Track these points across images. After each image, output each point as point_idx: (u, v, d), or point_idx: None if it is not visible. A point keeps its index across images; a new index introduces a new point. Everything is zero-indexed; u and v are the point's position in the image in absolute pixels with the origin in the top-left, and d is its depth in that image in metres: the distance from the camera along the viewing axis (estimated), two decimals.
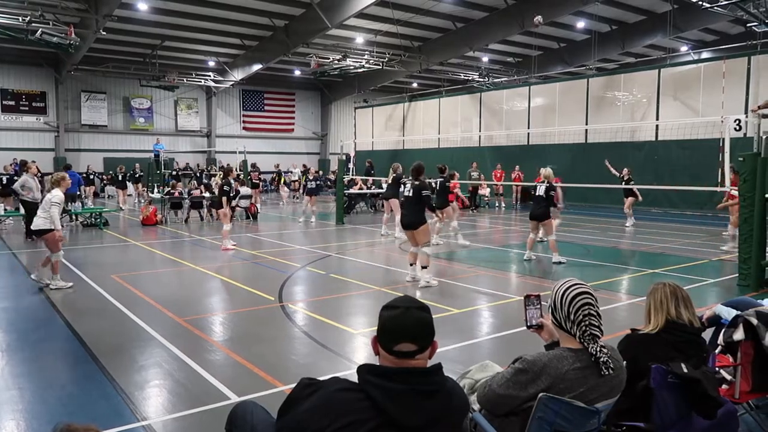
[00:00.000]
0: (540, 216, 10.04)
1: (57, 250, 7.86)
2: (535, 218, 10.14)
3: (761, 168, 7.81)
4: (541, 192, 10.09)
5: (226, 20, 23.46)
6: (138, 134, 31.92)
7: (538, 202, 10.17)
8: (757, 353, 3.12)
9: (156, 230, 14.97)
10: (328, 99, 37.64)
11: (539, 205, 10.10)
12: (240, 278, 8.70)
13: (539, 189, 10.17)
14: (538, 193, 10.18)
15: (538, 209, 10.10)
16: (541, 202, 10.05)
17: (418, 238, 8.13)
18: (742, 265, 7.97)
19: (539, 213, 10.06)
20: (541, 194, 10.09)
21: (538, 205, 10.14)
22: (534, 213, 10.18)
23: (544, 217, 10.00)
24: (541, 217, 10.03)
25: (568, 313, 2.42)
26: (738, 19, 19.09)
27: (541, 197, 10.08)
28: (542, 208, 10.02)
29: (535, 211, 10.18)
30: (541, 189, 10.13)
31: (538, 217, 10.08)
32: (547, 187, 10.05)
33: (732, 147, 9.12)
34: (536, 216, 10.10)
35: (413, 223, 8.16)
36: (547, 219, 10.03)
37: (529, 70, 28.13)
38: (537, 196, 10.19)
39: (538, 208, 10.12)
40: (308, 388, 1.96)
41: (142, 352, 5.27)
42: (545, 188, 10.06)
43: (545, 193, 10.03)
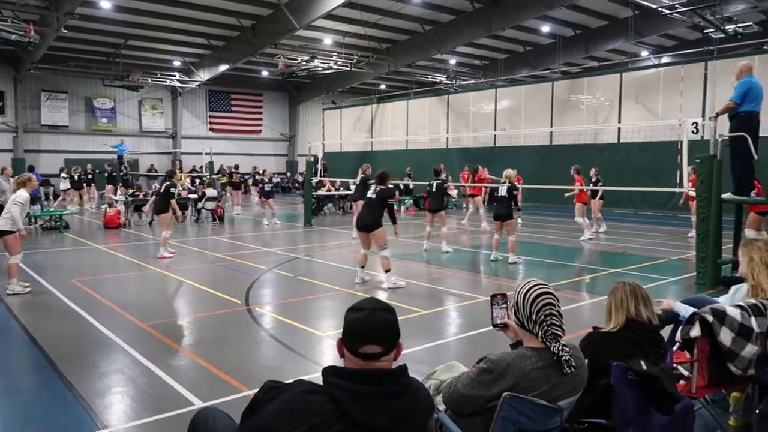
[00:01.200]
0: (504, 216, 10.12)
1: (15, 251, 7.61)
2: (499, 218, 10.21)
3: (717, 169, 8.07)
4: (504, 192, 10.16)
5: (192, 20, 23.10)
6: (101, 135, 31.15)
7: (501, 203, 10.24)
8: (712, 349, 3.21)
9: (119, 233, 14.64)
10: (296, 100, 37.41)
11: (503, 205, 10.17)
12: (206, 281, 8.57)
13: (501, 189, 10.25)
14: (500, 193, 10.25)
15: (502, 209, 10.17)
16: (505, 202, 10.12)
17: (374, 240, 8.06)
18: (700, 264, 8.21)
19: (503, 213, 10.14)
20: (504, 194, 10.16)
21: (501, 206, 10.22)
22: (498, 213, 10.25)
23: (508, 217, 10.11)
24: (505, 217, 10.11)
25: (530, 313, 2.45)
26: (695, 25, 19.69)
27: (504, 197, 10.15)
28: (506, 208, 10.10)
29: (499, 211, 10.25)
30: (503, 189, 10.19)
31: (502, 217, 10.15)
32: (510, 187, 10.13)
33: (690, 149, 9.39)
34: (500, 216, 10.18)
35: (369, 226, 8.05)
36: (510, 219, 10.14)
37: (495, 72, 28.48)
38: (500, 197, 10.26)
39: (501, 208, 10.20)
40: (272, 391, 1.94)
41: (104, 358, 5.15)
42: (507, 188, 10.13)
43: (508, 193, 10.11)
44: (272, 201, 16.86)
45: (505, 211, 10.12)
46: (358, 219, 8.46)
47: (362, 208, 8.64)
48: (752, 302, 3.34)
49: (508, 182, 10.21)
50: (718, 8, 16.74)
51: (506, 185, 10.17)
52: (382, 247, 8.03)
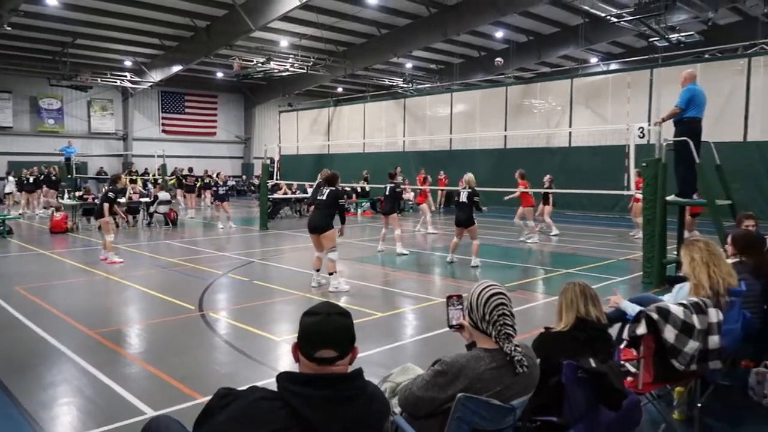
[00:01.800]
0: (465, 221, 9.96)
1: None
2: (459, 224, 10.05)
3: (662, 173, 8.38)
4: (464, 198, 9.93)
5: (144, 19, 22.51)
6: (47, 136, 29.99)
7: (461, 209, 10.03)
8: (657, 346, 3.34)
9: (66, 238, 14.13)
10: (252, 102, 36.94)
11: (463, 211, 9.99)
12: (157, 287, 8.36)
13: (462, 195, 10.01)
14: (461, 199, 10.01)
15: (462, 215, 10.00)
16: (465, 208, 9.93)
17: (324, 242, 8.03)
18: (646, 263, 8.51)
19: (464, 219, 9.96)
20: (464, 200, 9.93)
21: (461, 211, 10.02)
22: (459, 219, 10.06)
23: (470, 223, 9.94)
24: (466, 223, 9.96)
25: (483, 314, 2.49)
26: (642, 34, 20.44)
27: (464, 203, 9.94)
28: (466, 213, 9.92)
29: (460, 217, 10.07)
30: (463, 195, 9.96)
31: (462, 222, 9.99)
32: (470, 192, 9.91)
33: (637, 153, 9.73)
34: (461, 222, 10.01)
35: (319, 228, 8.03)
36: (473, 225, 9.97)
37: (451, 77, 28.82)
38: (460, 203, 10.04)
39: (462, 214, 10.01)
40: (225, 398, 1.91)
41: (49, 368, 4.95)
42: (468, 194, 9.91)
43: (468, 199, 9.88)
44: (227, 204, 16.59)
45: (465, 217, 9.93)
46: (309, 221, 8.40)
47: (313, 210, 8.64)
48: (694, 300, 3.49)
49: (468, 187, 9.98)
50: (663, 18, 17.43)
51: (467, 191, 9.94)
52: (330, 250, 8.00)
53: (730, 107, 16.73)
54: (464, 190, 10.01)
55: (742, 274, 4.06)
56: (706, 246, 3.84)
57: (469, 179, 10.13)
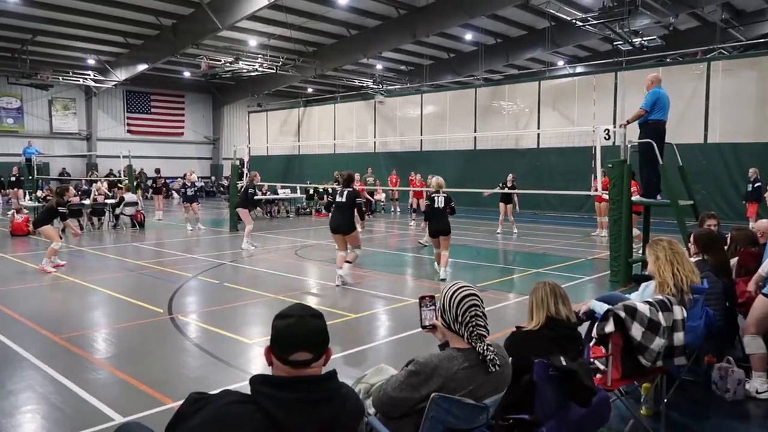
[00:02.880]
0: (446, 230, 8.92)
1: None
2: (441, 233, 8.89)
3: (627, 173, 8.58)
4: (441, 204, 8.87)
5: (107, 16, 21.98)
6: (6, 136, 29.09)
7: (440, 216, 8.89)
8: (625, 343, 3.41)
9: (28, 241, 13.72)
10: (220, 102, 36.48)
11: (443, 218, 8.89)
12: (125, 290, 8.18)
13: (438, 200, 8.88)
14: (437, 204, 8.87)
15: (442, 223, 8.89)
16: (443, 214, 8.89)
17: (350, 242, 8.61)
18: (613, 262, 8.69)
19: (446, 227, 8.90)
20: (441, 206, 8.87)
21: (441, 219, 8.88)
22: (440, 228, 8.89)
23: (449, 231, 8.97)
24: (447, 231, 8.93)
25: (456, 315, 2.52)
26: (606, 37, 20.85)
27: (442, 210, 8.87)
28: (445, 219, 8.92)
29: (440, 226, 8.89)
30: (440, 200, 8.88)
31: (445, 231, 8.89)
32: (447, 197, 8.95)
33: (603, 154, 9.93)
34: (443, 231, 8.89)
35: (342, 228, 8.53)
36: (449, 233, 8.98)
37: (421, 78, 28.97)
38: (437, 209, 8.87)
39: (442, 221, 8.89)
40: (197, 403, 1.88)
41: (11, 375, 4.80)
42: (444, 199, 8.90)
43: (446, 204, 8.90)
44: (196, 205, 16.34)
45: (445, 225, 8.88)
46: (331, 222, 8.79)
47: (334, 212, 8.82)
48: (659, 298, 3.58)
49: (442, 191, 8.97)
50: (626, 22, 17.83)
51: (442, 195, 8.89)
52: (356, 247, 8.69)
53: (691, 110, 17.22)
54: (439, 195, 8.94)
55: (704, 272, 4.19)
56: (669, 245, 3.95)
57: (440, 183, 9.17)
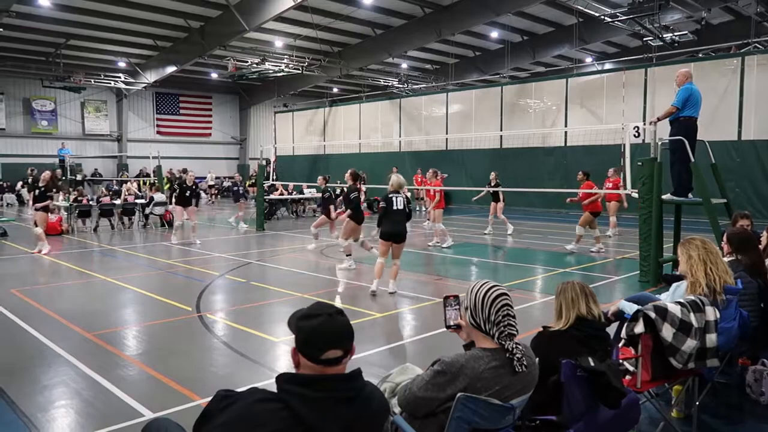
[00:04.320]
0: (403, 235, 7.90)
1: None
2: (397, 238, 7.86)
3: (657, 172, 8.41)
4: (400, 206, 7.81)
5: (137, 20, 22.43)
6: (41, 138, 29.88)
7: (401, 218, 7.82)
8: (655, 345, 3.35)
9: (61, 240, 14.06)
10: (247, 103, 36.87)
11: (402, 221, 7.84)
12: (154, 289, 8.33)
13: (397, 202, 7.79)
14: (396, 206, 7.78)
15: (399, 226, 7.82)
16: (404, 217, 7.89)
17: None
18: (642, 262, 8.53)
19: (403, 232, 7.88)
20: (399, 208, 7.80)
21: (402, 222, 7.85)
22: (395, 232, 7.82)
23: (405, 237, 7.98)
24: (403, 237, 7.93)
25: (488, 315, 2.49)
26: (636, 33, 20.51)
27: (402, 211, 7.84)
28: (404, 223, 7.90)
29: (395, 228, 7.80)
30: (399, 201, 7.81)
31: (401, 236, 7.88)
32: (407, 198, 8.06)
33: (632, 152, 9.75)
34: (399, 235, 7.85)
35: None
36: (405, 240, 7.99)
37: (446, 77, 28.85)
38: (398, 211, 7.79)
39: (403, 224, 7.86)
40: (225, 400, 1.89)
41: (46, 371, 4.93)
42: (404, 200, 7.89)
43: (405, 206, 7.90)
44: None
45: (402, 230, 7.90)
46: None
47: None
48: (691, 299, 3.50)
49: (402, 192, 7.97)
50: (656, 17, 17.49)
51: (403, 196, 7.91)
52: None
53: (724, 106, 16.81)
54: (399, 196, 7.86)
55: (737, 273, 4.09)
56: (703, 244, 3.86)
57: (401, 182, 8.07)
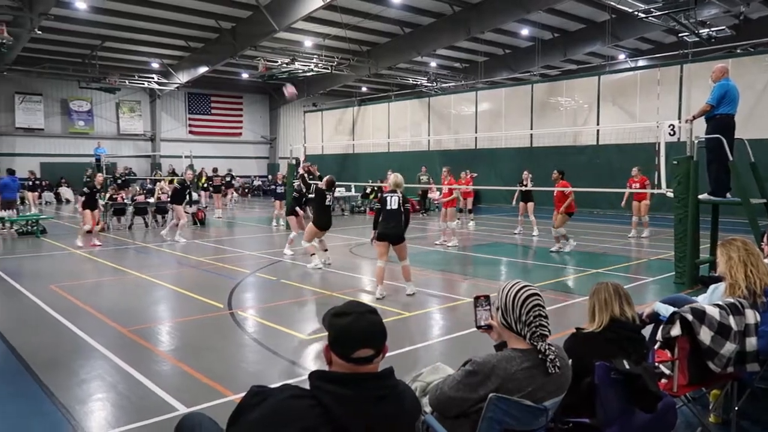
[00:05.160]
0: (400, 235, 7.67)
1: None
2: (396, 239, 7.67)
3: (694, 171, 8.20)
4: (395, 205, 7.59)
5: (169, 21, 22.87)
6: (77, 138, 30.70)
7: (394, 218, 7.60)
8: (692, 348, 3.27)
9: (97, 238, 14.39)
10: (277, 102, 37.24)
11: (397, 221, 7.61)
12: (187, 286, 8.48)
13: (391, 201, 7.61)
14: (391, 206, 7.60)
15: (397, 227, 7.62)
16: (398, 217, 7.61)
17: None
18: (678, 263, 8.34)
19: (399, 232, 7.66)
20: (393, 208, 7.59)
21: (396, 223, 7.60)
22: (395, 232, 7.64)
23: (403, 239, 7.75)
24: (400, 237, 7.70)
25: (519, 315, 2.46)
26: (671, 29, 20.03)
27: (396, 211, 7.60)
28: (400, 225, 7.66)
29: (395, 229, 7.62)
30: (394, 201, 7.61)
31: (397, 237, 7.65)
32: (402, 198, 7.72)
33: (667, 151, 9.53)
34: (394, 236, 7.64)
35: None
36: (404, 241, 7.77)
37: (475, 75, 28.66)
38: (391, 211, 7.60)
39: (396, 225, 7.61)
40: (258, 396, 1.92)
41: (83, 364, 5.06)
42: (399, 200, 7.64)
43: (401, 206, 7.63)
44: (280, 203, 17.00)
45: (398, 230, 7.66)
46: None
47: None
48: (730, 301, 3.40)
49: (399, 191, 7.74)
50: (692, 12, 17.05)
51: (398, 195, 7.67)
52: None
53: (764, 103, 16.31)
54: (393, 195, 7.67)
55: None
56: (744, 245, 3.74)
57: (398, 181, 7.88)
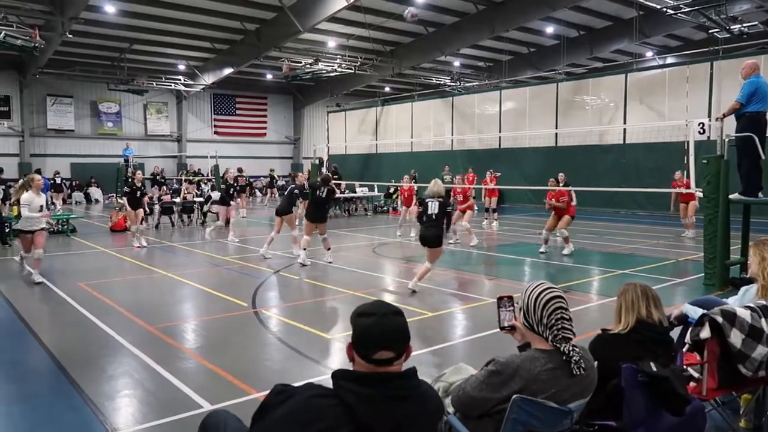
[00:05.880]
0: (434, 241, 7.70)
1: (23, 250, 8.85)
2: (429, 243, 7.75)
3: (724, 170, 8.02)
4: (435, 210, 7.60)
5: (196, 23, 23.19)
6: (106, 139, 31.30)
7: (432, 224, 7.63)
8: (722, 351, 3.20)
9: (125, 237, 14.66)
10: (301, 103, 37.48)
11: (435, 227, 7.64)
12: (212, 285, 8.58)
13: (432, 206, 7.63)
14: (430, 211, 7.63)
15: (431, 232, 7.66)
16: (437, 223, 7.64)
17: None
18: (708, 264, 8.16)
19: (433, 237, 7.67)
20: (434, 212, 7.59)
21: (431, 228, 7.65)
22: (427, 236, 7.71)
23: (438, 243, 7.76)
24: (435, 242, 7.72)
25: (540, 317, 2.44)
26: (700, 25, 19.63)
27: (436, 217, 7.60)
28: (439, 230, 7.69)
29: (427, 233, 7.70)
30: (434, 206, 7.62)
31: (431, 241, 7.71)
32: (442, 203, 7.69)
33: (696, 149, 9.35)
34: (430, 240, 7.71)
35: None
36: (441, 245, 7.86)
37: (499, 74, 28.45)
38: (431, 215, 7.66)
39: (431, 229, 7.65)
40: (282, 394, 1.93)
41: (112, 361, 5.16)
42: (440, 205, 7.64)
43: (441, 210, 7.63)
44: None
45: (433, 236, 7.69)
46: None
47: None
48: (762, 303, 3.32)
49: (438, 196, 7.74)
50: (723, 8, 16.68)
51: (437, 201, 7.68)
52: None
53: None
54: (433, 201, 7.69)
55: None
56: None
57: (437, 189, 7.80)
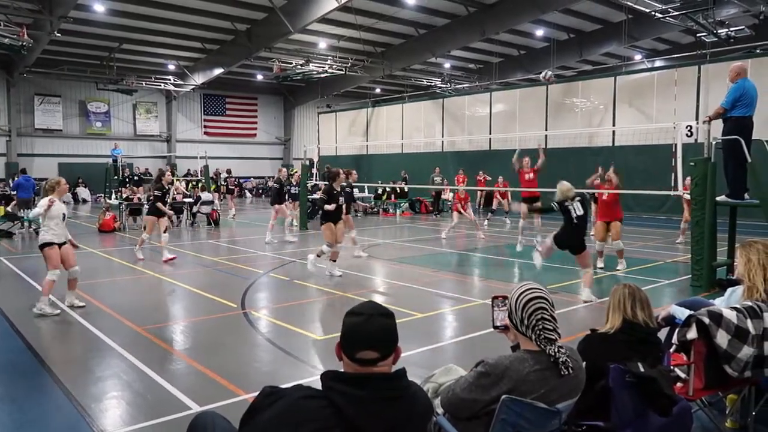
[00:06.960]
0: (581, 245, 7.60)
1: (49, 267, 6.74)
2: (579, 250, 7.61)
3: (711, 172, 8.10)
4: (580, 210, 7.47)
5: (186, 23, 23.07)
6: (95, 139, 31.06)
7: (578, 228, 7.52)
8: (709, 351, 3.23)
9: (114, 237, 14.58)
10: (291, 104, 37.41)
11: (580, 230, 7.56)
12: (201, 286, 8.54)
13: (577, 208, 7.46)
14: (578, 213, 7.45)
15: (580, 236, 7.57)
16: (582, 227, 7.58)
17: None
18: (695, 266, 8.23)
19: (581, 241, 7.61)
20: (581, 214, 7.48)
21: (580, 232, 7.55)
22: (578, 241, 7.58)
23: (584, 247, 7.66)
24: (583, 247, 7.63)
25: (521, 318, 2.46)
26: (688, 29, 19.81)
27: (582, 219, 7.52)
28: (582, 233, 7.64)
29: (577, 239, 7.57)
30: (579, 207, 7.48)
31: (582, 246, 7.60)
32: (582, 200, 7.61)
33: (684, 152, 9.43)
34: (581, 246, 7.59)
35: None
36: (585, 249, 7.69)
37: (490, 76, 28.55)
38: (579, 218, 7.49)
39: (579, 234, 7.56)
40: (271, 396, 1.93)
41: (99, 363, 5.12)
42: (581, 203, 7.57)
43: (584, 208, 7.58)
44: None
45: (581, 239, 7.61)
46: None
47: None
48: (748, 304, 3.36)
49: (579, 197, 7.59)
50: (711, 12, 16.85)
51: (578, 201, 7.51)
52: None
53: None
54: (575, 201, 7.49)
55: None
56: (764, 248, 3.67)
57: (564, 189, 7.56)
